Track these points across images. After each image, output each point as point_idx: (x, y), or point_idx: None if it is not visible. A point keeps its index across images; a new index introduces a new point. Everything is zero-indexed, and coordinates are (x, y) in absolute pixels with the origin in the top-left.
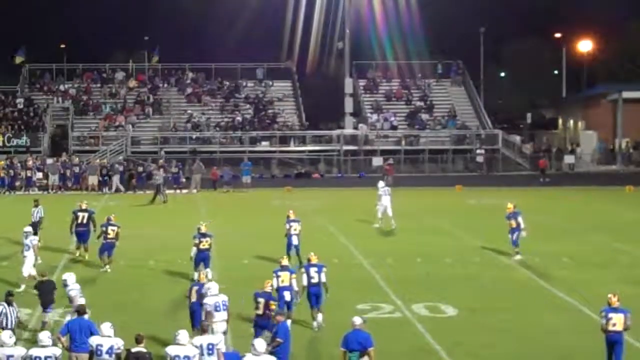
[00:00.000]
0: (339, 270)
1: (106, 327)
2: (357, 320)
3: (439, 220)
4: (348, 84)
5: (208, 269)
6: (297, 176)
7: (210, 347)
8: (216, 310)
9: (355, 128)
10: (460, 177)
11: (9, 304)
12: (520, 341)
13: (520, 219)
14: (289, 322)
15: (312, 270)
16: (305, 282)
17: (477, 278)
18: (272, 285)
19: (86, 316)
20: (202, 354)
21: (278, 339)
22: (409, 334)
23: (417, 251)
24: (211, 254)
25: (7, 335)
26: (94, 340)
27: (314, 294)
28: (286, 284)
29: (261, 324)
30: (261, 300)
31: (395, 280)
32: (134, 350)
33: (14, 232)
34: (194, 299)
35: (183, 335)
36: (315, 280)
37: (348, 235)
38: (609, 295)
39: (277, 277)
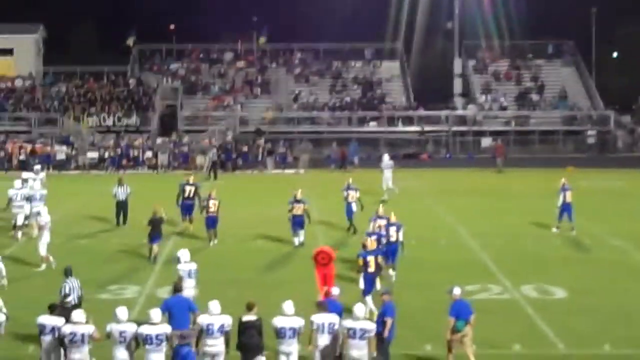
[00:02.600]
0: (447, 251)
1: (215, 306)
2: (458, 290)
3: (550, 201)
4: (457, 64)
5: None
6: (405, 157)
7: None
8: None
9: (465, 109)
10: (571, 159)
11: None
12: (633, 325)
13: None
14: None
15: (392, 229)
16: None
17: (588, 260)
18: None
19: (184, 293)
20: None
21: (388, 319)
22: (517, 315)
23: (526, 232)
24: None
25: (122, 312)
26: (203, 320)
27: (391, 252)
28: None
29: (372, 278)
30: (371, 258)
31: (503, 261)
32: (244, 318)
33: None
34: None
35: (288, 306)
36: (393, 238)
37: (456, 216)
38: None
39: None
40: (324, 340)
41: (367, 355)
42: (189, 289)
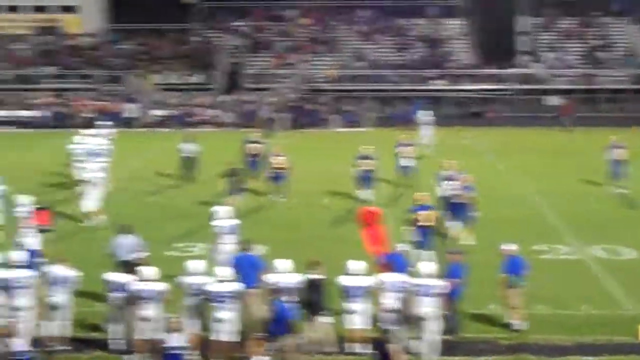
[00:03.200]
0: (513, 210)
1: (282, 264)
2: (511, 246)
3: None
4: (522, 22)
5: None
6: (471, 115)
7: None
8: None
9: (530, 67)
10: (639, 118)
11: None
12: None
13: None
14: None
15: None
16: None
17: None
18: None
19: (252, 252)
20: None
21: (454, 278)
22: (585, 276)
23: (592, 192)
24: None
25: (194, 265)
26: (272, 277)
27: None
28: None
29: (425, 232)
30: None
31: (571, 221)
32: (308, 276)
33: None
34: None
35: (355, 264)
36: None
37: (521, 175)
38: None
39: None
40: (391, 299)
41: (437, 312)
42: (229, 245)
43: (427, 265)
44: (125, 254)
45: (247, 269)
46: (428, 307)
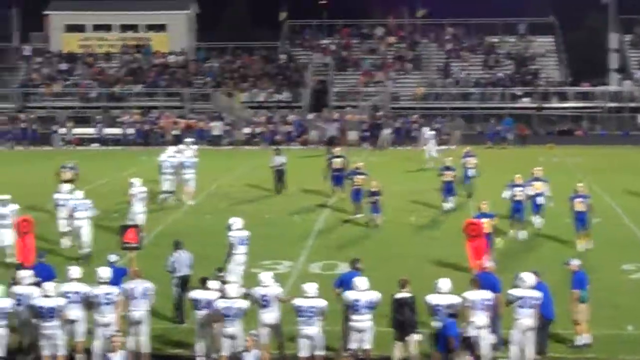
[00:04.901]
0: (603, 230)
1: (362, 282)
2: (577, 261)
3: None
4: (613, 39)
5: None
6: (560, 133)
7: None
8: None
9: (620, 85)
10: None
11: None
12: None
13: None
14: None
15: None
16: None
17: None
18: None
19: (360, 271)
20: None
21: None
22: None
23: None
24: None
25: (265, 276)
26: (351, 295)
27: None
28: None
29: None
30: (485, 220)
31: None
32: (397, 296)
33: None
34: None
35: (444, 283)
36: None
37: (612, 194)
38: None
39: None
40: (478, 317)
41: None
42: (241, 256)
43: (529, 275)
44: (182, 270)
45: (350, 287)
46: (532, 317)
